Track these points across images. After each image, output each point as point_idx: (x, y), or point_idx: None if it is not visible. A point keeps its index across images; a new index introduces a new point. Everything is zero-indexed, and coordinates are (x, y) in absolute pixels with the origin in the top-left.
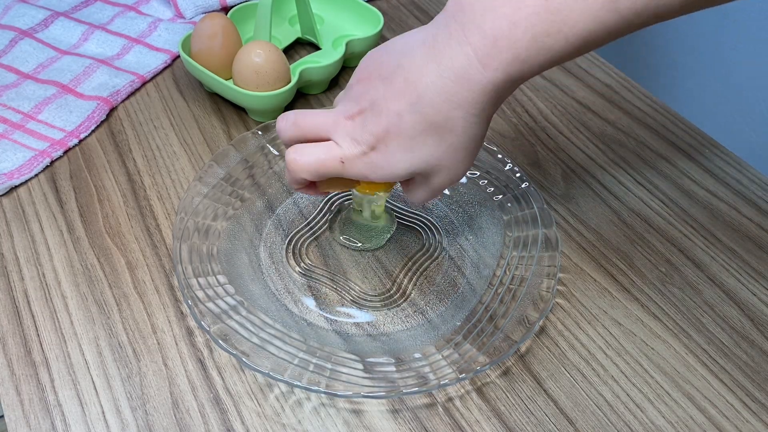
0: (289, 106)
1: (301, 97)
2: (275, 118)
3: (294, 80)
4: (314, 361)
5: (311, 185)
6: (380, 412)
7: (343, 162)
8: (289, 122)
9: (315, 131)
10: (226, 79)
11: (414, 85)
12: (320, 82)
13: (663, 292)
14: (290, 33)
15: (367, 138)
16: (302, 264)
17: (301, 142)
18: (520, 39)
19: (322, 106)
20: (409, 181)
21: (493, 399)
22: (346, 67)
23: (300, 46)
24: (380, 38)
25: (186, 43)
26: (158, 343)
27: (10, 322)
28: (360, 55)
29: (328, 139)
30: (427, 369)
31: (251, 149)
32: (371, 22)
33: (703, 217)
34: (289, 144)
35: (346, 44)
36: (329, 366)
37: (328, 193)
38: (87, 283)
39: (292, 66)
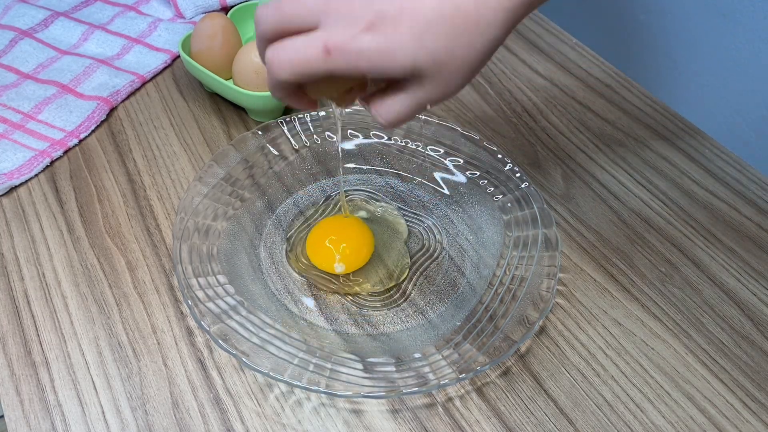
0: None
1: None
2: (275, 118)
3: None
4: (314, 361)
5: (298, 93)
6: (380, 412)
7: (329, 51)
8: (271, 8)
9: (304, 16)
10: (226, 79)
11: None
12: None
13: (663, 292)
14: None
15: (367, 15)
16: (302, 264)
17: (284, 36)
18: None
19: (322, 106)
20: (388, 88)
21: (493, 399)
22: None
23: None
24: None
25: (186, 43)
26: (158, 343)
27: (10, 322)
28: None
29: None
30: (427, 369)
31: (251, 149)
32: None
33: (703, 217)
34: (269, 38)
35: None
36: (329, 366)
37: (317, 105)
38: (87, 283)
39: None
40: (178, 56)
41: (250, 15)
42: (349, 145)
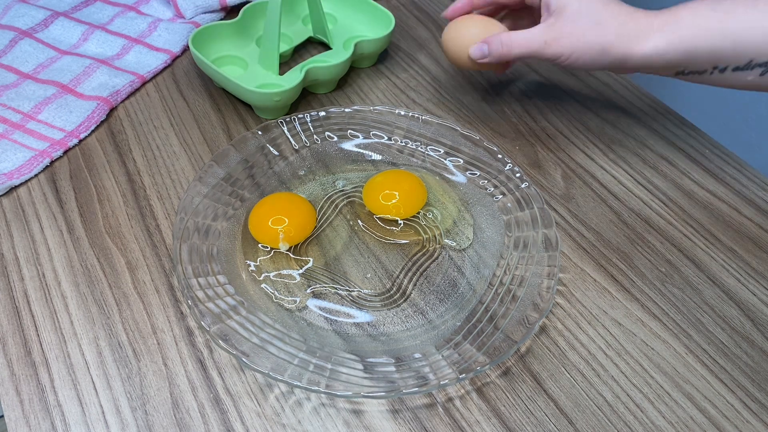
0: (295, 105)
1: (308, 95)
2: (280, 116)
3: (300, 78)
4: (314, 361)
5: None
6: (380, 412)
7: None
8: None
9: None
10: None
11: None
12: (327, 81)
13: (663, 292)
14: (302, 32)
15: None
16: (302, 264)
17: None
18: None
19: (326, 106)
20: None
21: (493, 399)
22: (354, 68)
23: (313, 45)
24: (390, 40)
25: (197, 39)
26: (158, 343)
27: (10, 322)
28: (369, 56)
29: None
30: (427, 369)
31: (251, 149)
32: (383, 23)
33: (703, 217)
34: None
35: (355, 45)
36: (329, 366)
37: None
38: (87, 283)
39: (299, 65)
40: (178, 56)
41: (261, 14)
42: (348, 145)
